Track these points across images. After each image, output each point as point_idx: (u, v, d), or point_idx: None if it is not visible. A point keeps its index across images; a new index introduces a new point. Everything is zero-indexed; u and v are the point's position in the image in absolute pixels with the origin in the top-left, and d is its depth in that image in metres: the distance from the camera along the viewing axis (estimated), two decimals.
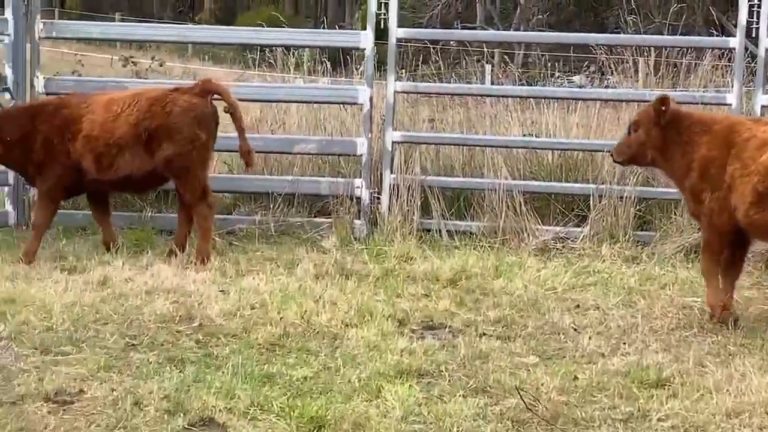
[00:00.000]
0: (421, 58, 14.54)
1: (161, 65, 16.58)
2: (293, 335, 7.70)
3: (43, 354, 7.20)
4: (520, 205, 11.09)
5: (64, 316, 7.91)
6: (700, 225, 8.61)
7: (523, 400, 6.30)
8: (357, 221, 11.24)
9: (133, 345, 7.46)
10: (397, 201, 11.23)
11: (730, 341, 7.77)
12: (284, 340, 7.59)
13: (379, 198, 11.39)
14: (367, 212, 11.31)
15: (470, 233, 11.16)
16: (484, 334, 7.85)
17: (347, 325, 7.93)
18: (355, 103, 11.55)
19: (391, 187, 11.30)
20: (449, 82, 13.49)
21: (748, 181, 7.94)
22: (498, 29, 39.22)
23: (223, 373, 6.83)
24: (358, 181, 11.37)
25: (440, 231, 11.19)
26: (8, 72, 11.02)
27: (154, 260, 9.77)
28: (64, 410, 6.25)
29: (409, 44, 12.67)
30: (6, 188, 11.24)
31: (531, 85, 15.64)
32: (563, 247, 10.84)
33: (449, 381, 6.78)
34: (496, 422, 6.14)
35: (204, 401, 6.27)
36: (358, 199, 11.36)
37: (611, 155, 8.99)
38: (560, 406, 6.36)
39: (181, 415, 6.13)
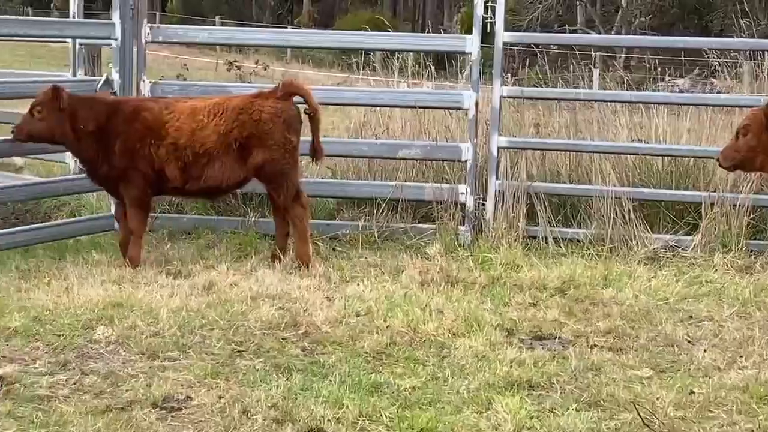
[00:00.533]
0: (521, 63, 14.34)
1: (265, 69, 16.60)
2: (400, 344, 7.59)
3: (151, 359, 7.19)
4: (629, 212, 10.84)
5: (170, 321, 7.90)
6: None
7: (639, 414, 6.11)
8: (461, 228, 11.09)
9: (239, 351, 7.41)
10: (502, 207, 11.06)
11: None
12: (391, 349, 7.49)
13: (483, 204, 11.23)
14: (471, 219, 11.16)
15: (577, 241, 10.95)
16: (595, 345, 7.66)
17: (454, 334, 7.80)
18: (460, 108, 11.39)
19: (497, 193, 11.14)
20: (554, 87, 13.22)
21: None
22: (599, 32, 38.68)
23: (331, 381, 6.76)
24: (462, 187, 11.22)
25: (546, 238, 10.99)
26: (115, 76, 11.05)
27: (257, 265, 9.74)
28: (172, 417, 6.23)
29: (511, 48, 12.42)
30: None
31: (637, 89, 15.35)
32: (674, 256, 10.58)
33: (561, 394, 6.63)
34: None
35: (312, 411, 6.20)
36: (463, 205, 11.21)
37: (717, 160, 8.73)
38: (677, 421, 6.17)
39: (290, 424, 6.07)
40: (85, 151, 9.77)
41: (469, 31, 11.21)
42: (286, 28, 42.87)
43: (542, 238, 11.01)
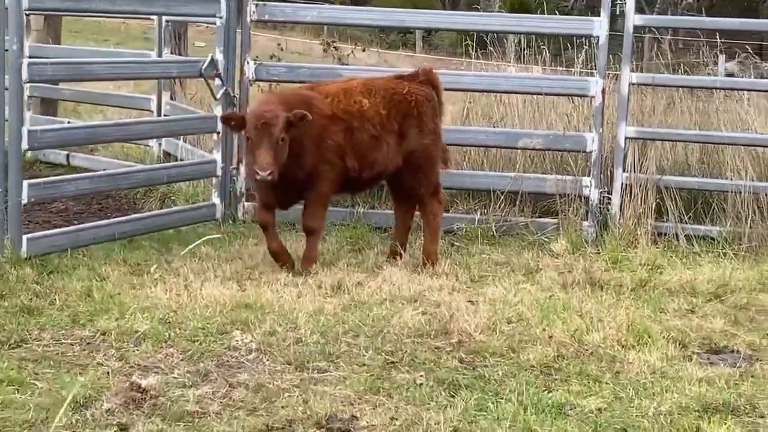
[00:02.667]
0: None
1: (364, 50, 15.89)
2: (566, 356, 6.94)
3: (299, 370, 6.58)
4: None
5: (310, 326, 7.29)
6: None
7: None
8: (585, 223, 10.42)
9: (393, 363, 6.78)
10: (629, 202, 10.37)
11: None
12: (559, 362, 6.84)
13: (609, 198, 10.55)
14: (596, 213, 10.48)
15: (711, 239, 10.26)
16: None
17: (623, 346, 7.14)
18: (585, 95, 10.71)
19: (623, 186, 10.45)
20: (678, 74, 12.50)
21: None
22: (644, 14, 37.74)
23: (506, 400, 6.11)
24: (586, 180, 10.55)
25: (677, 235, 10.29)
26: (219, 57, 10.42)
27: (378, 261, 9.11)
28: None
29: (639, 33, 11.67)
30: (214, 180, 10.65)
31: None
32: None
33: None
34: None
35: None
36: (587, 198, 10.54)
37: None
38: None
39: None
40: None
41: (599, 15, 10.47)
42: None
43: (673, 235, 10.30)
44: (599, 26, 10.39)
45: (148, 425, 5.65)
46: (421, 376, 6.52)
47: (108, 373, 6.36)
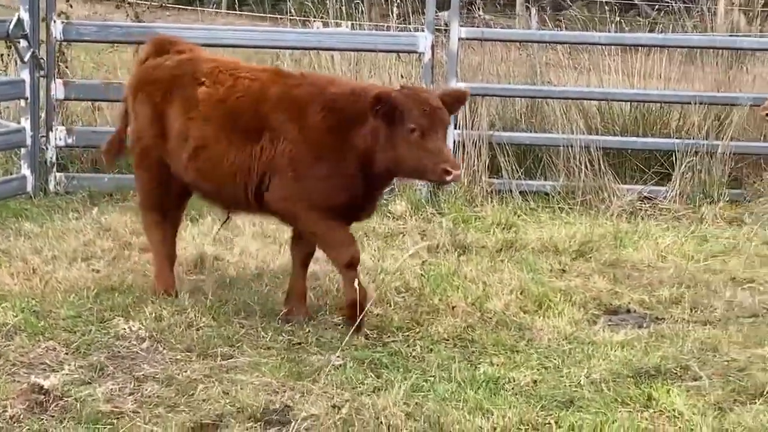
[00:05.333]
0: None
1: (161, 6, 14.90)
2: (475, 326, 6.70)
3: (202, 358, 6.14)
4: (599, 162, 10.18)
5: (197, 308, 6.75)
6: None
7: None
8: (418, 182, 10.17)
9: (299, 344, 6.43)
10: (463, 159, 10.19)
11: None
12: (471, 333, 6.60)
13: None
14: None
15: (544, 194, 10.23)
16: (683, 319, 6.98)
17: (526, 312, 6.97)
18: (414, 52, 10.43)
19: (456, 144, 10.26)
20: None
21: None
22: None
23: (438, 378, 5.82)
24: None
25: (512, 191, 10.20)
26: (25, 16, 9.57)
27: (222, 231, 8.59)
28: None
29: None
30: (23, 150, 9.82)
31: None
32: (652, 208, 9.99)
33: (710, 383, 5.85)
34: None
35: (461, 421, 5.24)
36: None
37: (767, 114, 8.09)
38: None
39: None
40: None
41: None
42: None
43: (508, 191, 10.21)
44: None
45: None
46: (338, 357, 6.13)
47: None
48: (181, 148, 6.74)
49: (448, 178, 6.30)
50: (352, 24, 11.99)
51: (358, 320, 6.24)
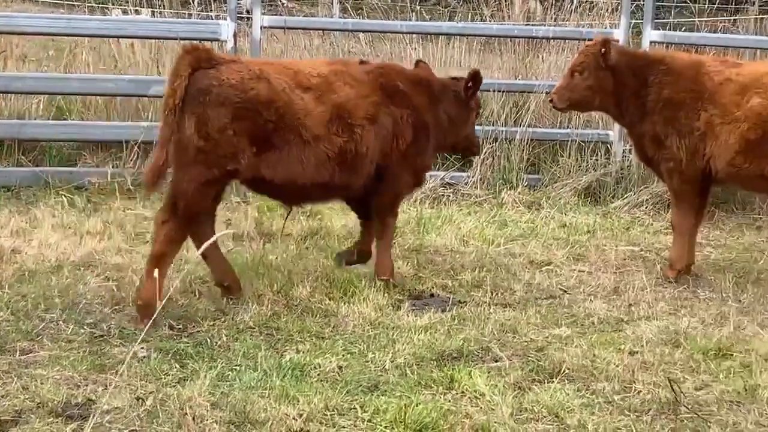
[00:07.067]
0: None
1: None
2: (282, 314, 6.71)
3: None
4: None
5: None
6: (659, 173, 8.14)
7: (674, 390, 5.55)
8: None
9: (101, 336, 6.34)
10: None
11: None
12: (277, 321, 6.61)
13: None
14: None
15: None
16: (484, 302, 7.11)
17: (331, 299, 7.00)
18: (216, 40, 10.33)
19: None
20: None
21: (734, 128, 7.53)
22: None
23: (244, 367, 5.81)
24: None
25: None
26: None
27: (15, 221, 8.42)
28: (87, 428, 5.06)
29: None
30: None
31: None
32: (454, 194, 10.17)
33: (510, 364, 6.00)
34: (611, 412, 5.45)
35: (266, 409, 5.25)
36: None
37: (551, 101, 8.30)
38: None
39: (251, 427, 5.11)
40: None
41: None
42: None
43: None
44: None
45: None
46: (142, 348, 6.06)
47: None
48: None
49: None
50: (153, 12, 11.83)
51: None
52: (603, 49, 7.95)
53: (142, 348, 6.06)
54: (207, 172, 6.55)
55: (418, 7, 12.68)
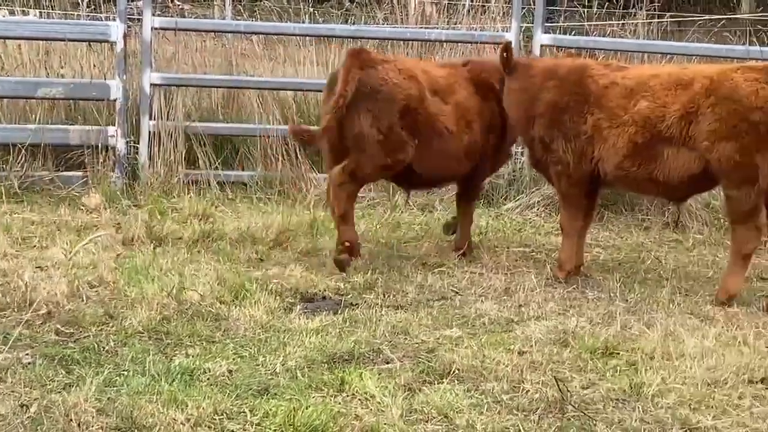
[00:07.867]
0: None
1: None
2: (171, 318, 6.64)
3: None
4: (296, 152, 10.29)
5: None
6: (548, 177, 8.25)
7: (560, 389, 5.59)
8: (113, 174, 10.02)
9: None
10: (159, 150, 10.10)
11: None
12: (166, 325, 6.53)
13: (137, 148, 10.22)
14: (124, 164, 10.11)
15: (242, 184, 10.27)
16: (376, 304, 7.11)
17: (222, 303, 6.96)
18: (106, 41, 10.22)
19: (151, 135, 10.16)
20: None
21: (621, 132, 7.63)
22: None
23: (132, 372, 5.74)
24: (112, 129, 10.14)
25: (210, 182, 10.17)
26: None
27: None
28: None
29: None
30: None
31: None
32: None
33: (401, 366, 6.01)
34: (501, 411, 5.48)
35: (155, 414, 5.19)
36: (114, 149, 10.13)
37: None
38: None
39: None
40: None
41: None
42: None
43: (206, 182, 10.18)
44: None
45: None
46: (27, 354, 5.96)
47: None
48: None
49: None
50: (41, 12, 11.66)
51: None
52: (505, 54, 8.04)
53: (27, 354, 5.95)
54: (384, 159, 7.72)
55: (312, 10, 12.66)
